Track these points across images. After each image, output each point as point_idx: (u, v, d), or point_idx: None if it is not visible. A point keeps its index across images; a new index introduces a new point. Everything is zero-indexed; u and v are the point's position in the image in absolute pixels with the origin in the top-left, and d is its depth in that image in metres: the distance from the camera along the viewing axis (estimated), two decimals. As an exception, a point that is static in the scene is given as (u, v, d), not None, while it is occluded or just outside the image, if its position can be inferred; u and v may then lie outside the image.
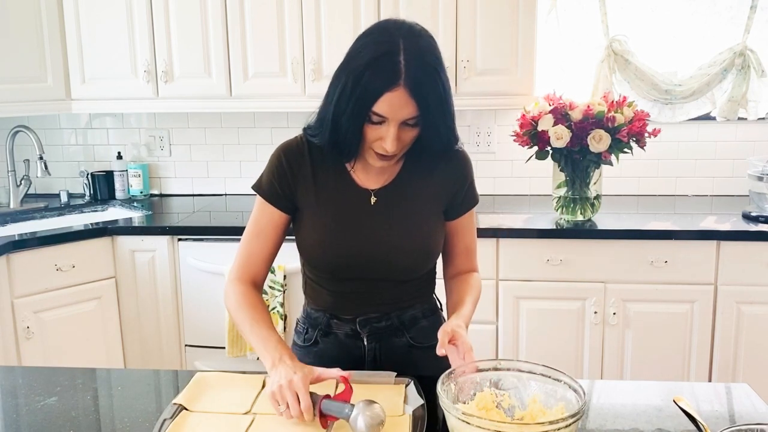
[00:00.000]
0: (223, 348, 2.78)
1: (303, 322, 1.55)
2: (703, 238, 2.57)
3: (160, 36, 2.94)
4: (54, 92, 3.02)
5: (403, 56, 1.24)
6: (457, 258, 1.54)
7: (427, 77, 1.25)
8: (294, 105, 2.96)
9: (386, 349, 1.47)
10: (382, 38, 1.28)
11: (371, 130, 1.29)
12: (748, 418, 1.27)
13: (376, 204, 1.42)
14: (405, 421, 1.20)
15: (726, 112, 2.97)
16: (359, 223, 1.41)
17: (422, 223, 1.44)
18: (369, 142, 1.31)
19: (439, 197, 1.46)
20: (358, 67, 1.26)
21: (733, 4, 2.99)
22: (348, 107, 1.27)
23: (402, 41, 1.25)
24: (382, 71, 1.23)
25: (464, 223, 1.51)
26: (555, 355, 2.68)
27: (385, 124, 1.27)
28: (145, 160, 3.43)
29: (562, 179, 2.75)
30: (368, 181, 1.43)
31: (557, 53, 3.09)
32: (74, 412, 1.30)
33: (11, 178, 3.22)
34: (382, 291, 1.45)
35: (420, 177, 1.44)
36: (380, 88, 1.23)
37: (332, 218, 1.42)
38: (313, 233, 1.42)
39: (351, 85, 1.26)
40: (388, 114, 1.25)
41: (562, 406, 1.13)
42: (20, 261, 2.62)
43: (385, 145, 1.28)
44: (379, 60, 1.24)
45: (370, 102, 1.25)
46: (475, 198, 1.52)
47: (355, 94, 1.25)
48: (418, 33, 1.30)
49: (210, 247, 2.79)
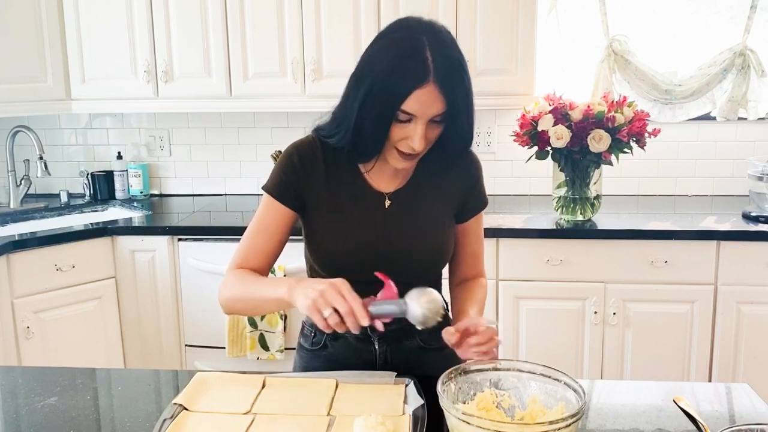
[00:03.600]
0: (223, 348, 2.78)
1: (310, 325, 1.53)
2: (703, 238, 2.57)
3: (160, 36, 2.94)
4: (54, 92, 3.02)
5: (429, 52, 1.23)
6: (464, 262, 1.52)
7: (454, 72, 1.25)
8: (294, 105, 2.96)
9: (397, 352, 1.46)
10: (405, 35, 1.27)
11: (397, 129, 1.28)
12: (748, 418, 1.27)
13: (390, 207, 1.41)
14: (405, 421, 1.20)
15: (726, 112, 2.97)
16: (373, 227, 1.40)
17: (435, 226, 1.44)
18: (394, 141, 1.30)
19: (451, 200, 1.46)
20: (384, 66, 1.25)
21: (733, 4, 2.99)
22: (375, 108, 1.25)
23: (425, 37, 1.25)
24: (411, 69, 1.22)
25: (473, 226, 1.51)
26: (555, 355, 2.68)
27: (412, 122, 1.26)
28: (145, 160, 3.43)
29: (562, 179, 2.74)
30: (382, 184, 1.42)
31: (557, 53, 3.09)
32: (74, 412, 1.30)
33: (11, 178, 3.22)
34: None
35: (433, 180, 1.44)
36: (410, 86, 1.22)
37: (346, 221, 1.40)
38: (326, 235, 1.41)
39: (378, 85, 1.24)
40: (417, 112, 1.24)
41: (562, 406, 1.13)
42: (20, 261, 2.62)
43: (413, 144, 1.27)
44: (406, 58, 1.23)
45: (399, 101, 1.23)
46: (484, 201, 1.52)
47: (383, 94, 1.24)
48: (439, 29, 1.29)
49: (210, 247, 2.79)
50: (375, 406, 1.26)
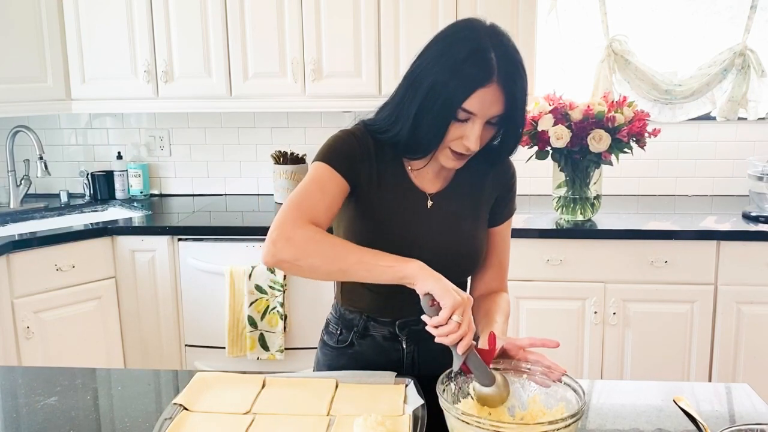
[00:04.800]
0: (223, 348, 2.78)
1: (336, 323, 1.51)
2: (703, 238, 2.57)
3: (160, 36, 2.94)
4: (54, 92, 3.02)
5: (494, 53, 1.24)
6: (488, 272, 1.50)
7: (517, 73, 1.26)
8: (294, 105, 2.96)
9: (424, 352, 1.46)
10: (470, 35, 1.27)
11: (454, 128, 1.27)
12: (748, 418, 1.27)
13: (432, 208, 1.41)
14: (405, 421, 1.20)
15: (726, 112, 2.97)
16: (414, 225, 1.39)
17: (473, 229, 1.44)
18: (449, 140, 1.29)
19: (488, 204, 1.47)
20: (448, 64, 1.25)
21: (733, 4, 2.99)
22: (436, 105, 1.25)
23: (489, 39, 1.26)
24: (476, 67, 1.23)
25: (502, 233, 1.50)
26: (555, 355, 2.67)
27: (470, 121, 1.26)
28: (145, 160, 3.43)
29: (562, 179, 2.74)
30: (425, 184, 1.42)
31: (557, 53, 3.09)
32: (74, 412, 1.30)
33: (11, 178, 3.22)
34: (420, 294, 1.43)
35: (473, 183, 1.44)
36: (474, 85, 1.22)
37: (388, 216, 1.39)
38: (367, 229, 1.39)
39: (441, 82, 1.24)
40: (478, 111, 1.25)
41: (562, 406, 1.13)
42: (20, 261, 2.62)
43: (469, 143, 1.27)
44: (472, 56, 1.23)
45: (462, 99, 1.23)
46: (514, 206, 1.52)
47: (446, 92, 1.24)
48: (501, 31, 1.31)
49: (210, 247, 2.79)
50: (375, 406, 1.26)
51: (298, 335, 2.75)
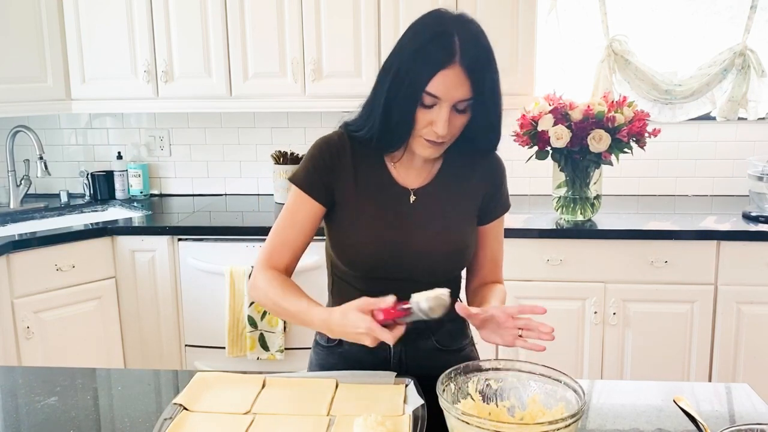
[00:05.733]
0: (223, 348, 2.78)
1: None
2: (703, 238, 2.57)
3: (160, 36, 2.94)
4: (54, 92, 3.02)
5: (458, 36, 1.24)
6: (483, 268, 1.52)
7: (482, 57, 1.26)
8: (294, 105, 2.96)
9: (412, 352, 1.46)
10: (435, 21, 1.29)
11: (423, 115, 1.28)
12: (748, 418, 1.27)
13: (414, 203, 1.42)
14: (405, 421, 1.20)
15: (726, 112, 2.97)
16: (397, 221, 1.40)
17: (458, 224, 1.44)
18: (419, 128, 1.30)
19: (475, 200, 1.46)
20: (412, 48, 1.27)
21: (733, 4, 2.99)
22: (401, 89, 1.27)
23: (455, 24, 1.27)
24: (438, 49, 1.24)
25: (494, 230, 1.51)
26: (555, 355, 2.68)
27: (437, 106, 1.27)
28: (145, 160, 3.43)
29: (562, 179, 2.74)
30: (408, 180, 1.43)
31: (557, 53, 3.09)
32: (74, 412, 1.30)
33: (11, 178, 3.22)
34: (410, 292, 1.43)
35: (458, 178, 1.44)
36: (435, 66, 1.23)
37: (371, 215, 1.41)
38: (351, 229, 1.41)
39: (405, 66, 1.26)
40: (442, 94, 1.25)
41: (562, 406, 1.13)
42: (20, 261, 2.62)
43: (437, 129, 1.28)
44: (434, 39, 1.25)
45: (425, 81, 1.24)
46: (507, 204, 1.52)
47: (409, 75, 1.25)
48: (470, 19, 1.31)
49: (210, 247, 2.79)
50: (375, 406, 1.26)
51: (298, 335, 2.75)
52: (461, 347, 1.51)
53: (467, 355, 1.52)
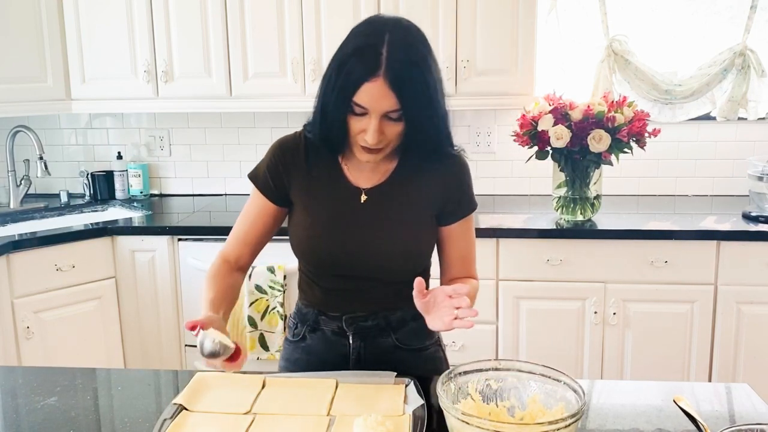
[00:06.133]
0: (223, 348, 2.77)
1: (294, 317, 1.56)
2: (703, 238, 2.57)
3: (160, 36, 2.94)
4: (54, 92, 3.02)
5: (386, 48, 1.24)
6: (452, 266, 1.51)
7: (408, 71, 1.25)
8: (294, 105, 2.96)
9: (371, 349, 1.47)
10: (368, 30, 1.29)
11: (355, 122, 1.30)
12: (748, 418, 1.27)
13: (366, 202, 1.42)
14: (405, 421, 1.20)
15: (726, 112, 2.97)
16: (348, 221, 1.41)
17: (411, 225, 1.43)
18: (353, 134, 1.32)
19: (431, 201, 1.45)
20: (342, 57, 1.28)
21: (733, 4, 2.99)
22: (332, 97, 1.29)
23: (388, 34, 1.26)
24: (363, 61, 1.24)
25: (459, 230, 1.48)
26: (555, 355, 2.68)
27: (367, 116, 1.28)
28: (145, 160, 3.43)
29: (562, 179, 2.74)
30: (360, 180, 1.43)
31: (557, 53, 3.09)
32: (74, 412, 1.30)
33: (11, 178, 3.22)
34: (369, 290, 1.44)
35: (412, 179, 1.43)
36: (360, 78, 1.24)
37: (322, 214, 1.42)
38: (303, 227, 1.44)
39: (335, 74, 1.28)
40: (368, 105, 1.26)
41: (562, 406, 1.13)
42: (20, 261, 2.62)
43: (367, 138, 1.29)
44: (361, 50, 1.25)
45: (351, 91, 1.25)
46: (471, 205, 1.49)
47: (338, 84, 1.27)
48: (406, 28, 1.30)
49: (210, 247, 2.79)
50: (375, 406, 1.26)
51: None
52: (424, 347, 1.51)
53: (430, 356, 1.52)
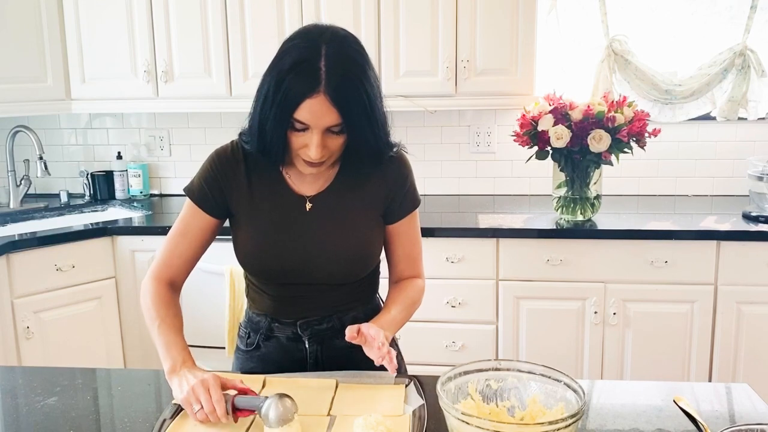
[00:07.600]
0: (223, 348, 2.77)
1: (245, 326, 1.54)
2: (703, 238, 2.57)
3: (160, 36, 2.94)
4: (54, 92, 3.02)
5: (324, 62, 1.22)
6: (398, 264, 1.51)
7: (348, 85, 1.23)
8: (294, 105, 2.95)
9: (328, 351, 1.47)
10: (304, 43, 1.26)
11: (296, 137, 1.27)
12: (748, 418, 1.27)
13: (311, 210, 1.41)
14: (405, 421, 1.20)
15: (726, 112, 2.97)
16: (295, 230, 1.40)
17: (358, 229, 1.43)
18: (295, 149, 1.29)
19: (376, 202, 1.44)
20: (279, 72, 1.25)
21: (733, 4, 2.99)
22: (271, 113, 1.25)
23: (324, 47, 1.23)
24: (303, 78, 1.21)
25: (403, 228, 1.48)
26: (555, 355, 2.68)
27: (309, 131, 1.25)
28: (145, 160, 3.43)
29: (562, 179, 2.74)
30: (304, 187, 1.42)
31: (557, 53, 3.09)
32: (74, 412, 1.30)
33: (11, 178, 3.22)
34: (321, 295, 1.44)
35: (356, 183, 1.42)
36: (300, 95, 1.21)
37: (268, 224, 1.40)
38: (248, 239, 1.42)
39: (273, 91, 1.24)
40: (309, 121, 1.24)
41: (562, 407, 1.13)
42: (20, 261, 2.62)
43: (310, 153, 1.26)
44: (299, 66, 1.22)
45: (291, 109, 1.23)
46: (414, 201, 1.49)
47: (276, 101, 1.24)
48: (342, 39, 1.27)
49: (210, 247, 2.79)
50: (375, 406, 1.26)
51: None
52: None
53: None
